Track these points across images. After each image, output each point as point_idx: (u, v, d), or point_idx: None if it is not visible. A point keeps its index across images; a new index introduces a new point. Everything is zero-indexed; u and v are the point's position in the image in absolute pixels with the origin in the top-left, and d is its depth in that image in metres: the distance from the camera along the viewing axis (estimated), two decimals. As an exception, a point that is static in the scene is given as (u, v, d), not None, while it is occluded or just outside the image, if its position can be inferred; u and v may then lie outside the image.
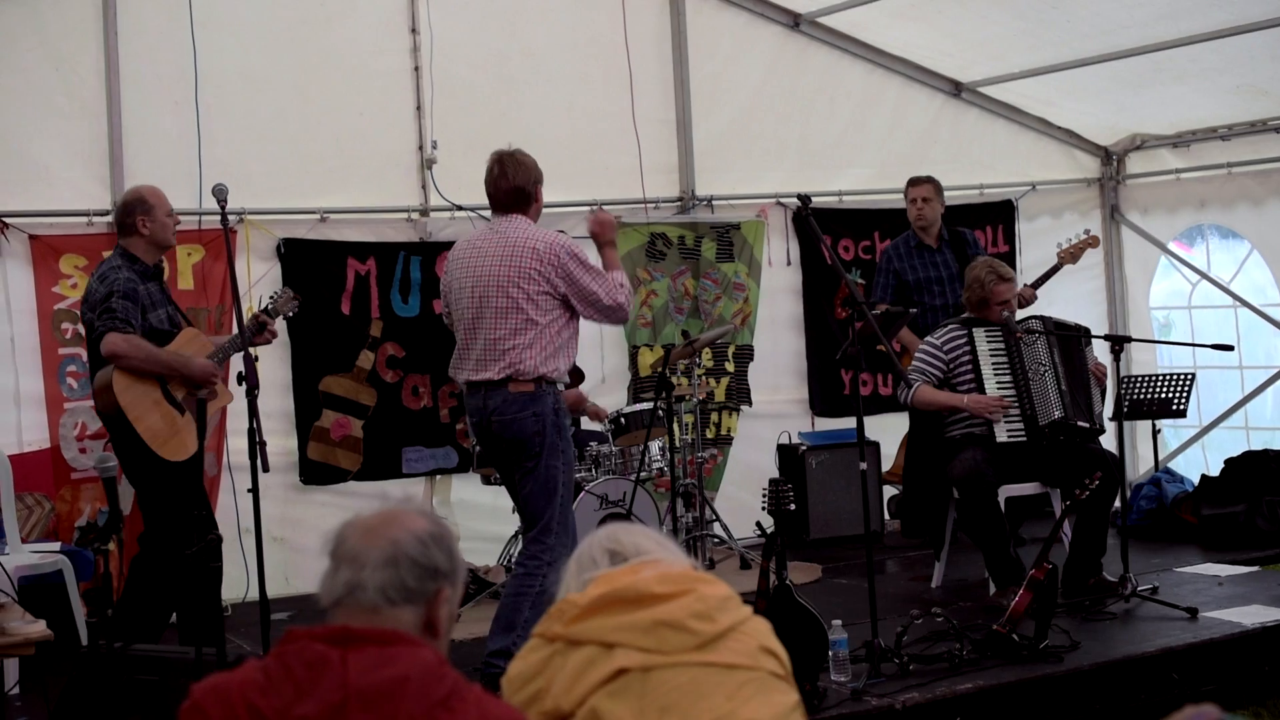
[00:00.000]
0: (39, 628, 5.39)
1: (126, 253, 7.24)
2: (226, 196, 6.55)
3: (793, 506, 6.27)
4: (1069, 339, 8.31)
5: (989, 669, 6.50)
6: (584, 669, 3.08)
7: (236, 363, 8.98)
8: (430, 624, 2.85)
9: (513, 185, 7.04)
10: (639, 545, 3.34)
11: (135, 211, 7.23)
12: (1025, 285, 9.52)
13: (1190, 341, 11.01)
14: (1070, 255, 9.73)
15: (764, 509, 6.37)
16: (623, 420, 8.97)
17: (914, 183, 9.75)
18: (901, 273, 9.59)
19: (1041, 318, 8.41)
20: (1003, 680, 6.38)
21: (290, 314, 7.86)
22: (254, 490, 6.12)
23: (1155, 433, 10.55)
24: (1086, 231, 9.83)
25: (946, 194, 10.13)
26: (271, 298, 7.79)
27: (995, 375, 8.12)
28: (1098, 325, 11.39)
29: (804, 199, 7.02)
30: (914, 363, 8.24)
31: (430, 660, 2.73)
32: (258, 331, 7.43)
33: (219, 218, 7.67)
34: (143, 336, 7.02)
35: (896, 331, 8.76)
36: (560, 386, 6.82)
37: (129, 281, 7.06)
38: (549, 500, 6.72)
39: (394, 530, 2.85)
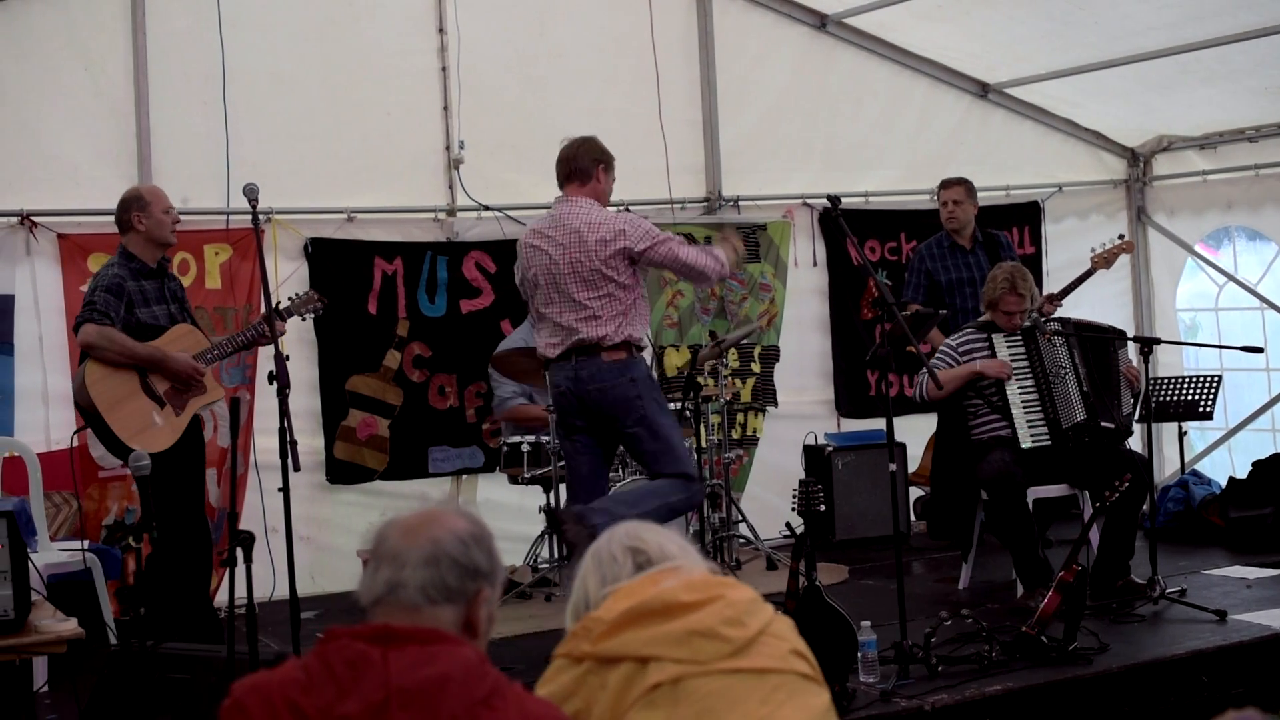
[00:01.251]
0: (70, 626, 5.40)
1: (125, 250, 7.36)
2: (258, 196, 6.54)
3: (823, 507, 6.26)
4: (1092, 340, 8.29)
5: (1018, 671, 6.47)
6: (624, 687, 3.06)
7: (267, 361, 9.06)
8: (470, 624, 2.86)
9: (573, 155, 7.49)
10: (663, 547, 3.33)
11: (131, 208, 7.34)
12: (1048, 297, 9.39)
13: (1220, 343, 10.97)
14: (1104, 260, 9.65)
15: (794, 510, 6.37)
16: (650, 421, 8.95)
17: (945, 185, 9.69)
18: (934, 273, 9.55)
19: (1064, 320, 8.39)
20: (1032, 682, 6.35)
21: (306, 316, 7.91)
22: (285, 489, 6.12)
23: (1181, 435, 10.52)
24: (1121, 237, 9.74)
25: (974, 195, 10.11)
26: (291, 298, 7.81)
27: (1016, 379, 8.10)
28: (1124, 327, 11.29)
29: (834, 200, 7.02)
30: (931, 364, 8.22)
31: (471, 659, 2.73)
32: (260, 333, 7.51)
33: (246, 217, 7.68)
34: (128, 331, 7.14)
35: (926, 333, 8.74)
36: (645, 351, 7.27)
37: (115, 277, 7.21)
38: (668, 450, 7.11)
39: (435, 530, 2.85)
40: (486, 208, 9.75)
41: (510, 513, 9.55)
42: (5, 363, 8.52)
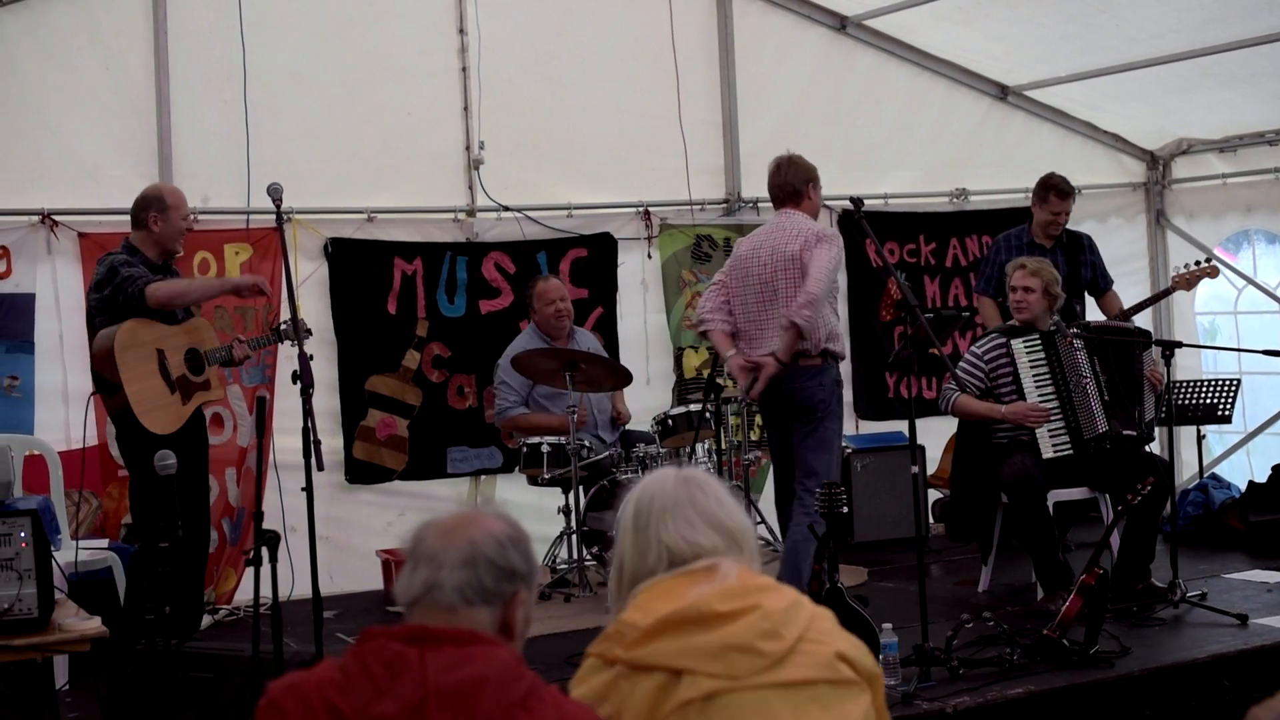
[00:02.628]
0: (94, 624, 5.39)
1: (130, 245, 7.38)
2: (281, 195, 6.53)
3: (845, 509, 6.26)
4: (1114, 344, 8.26)
5: (1039, 674, 6.46)
6: (657, 698, 3.03)
7: (286, 361, 9.07)
8: (506, 625, 2.86)
9: (785, 181, 7.66)
10: (711, 513, 3.29)
11: (150, 208, 7.33)
12: (1121, 313, 9.30)
13: (1241, 347, 10.94)
14: (1186, 281, 9.53)
15: (817, 511, 6.35)
16: (670, 422, 8.95)
17: (1063, 194, 9.37)
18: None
19: (1085, 324, 8.37)
20: (1053, 685, 6.34)
21: (293, 344, 7.81)
22: (308, 489, 6.13)
23: (1200, 438, 10.49)
24: (1208, 260, 9.63)
25: (992, 198, 10.09)
26: (286, 323, 7.73)
27: (1037, 388, 8.07)
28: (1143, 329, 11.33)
29: (856, 202, 7.03)
30: (956, 371, 8.18)
31: (508, 660, 2.73)
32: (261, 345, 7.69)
33: (266, 217, 7.70)
34: (139, 311, 7.13)
35: (949, 335, 8.72)
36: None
37: (124, 262, 7.22)
38: (822, 454, 7.54)
39: (472, 531, 2.85)
40: (506, 208, 9.76)
41: (528, 513, 9.51)
42: (26, 361, 8.54)
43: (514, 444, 9.40)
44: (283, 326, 7.60)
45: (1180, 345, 8.17)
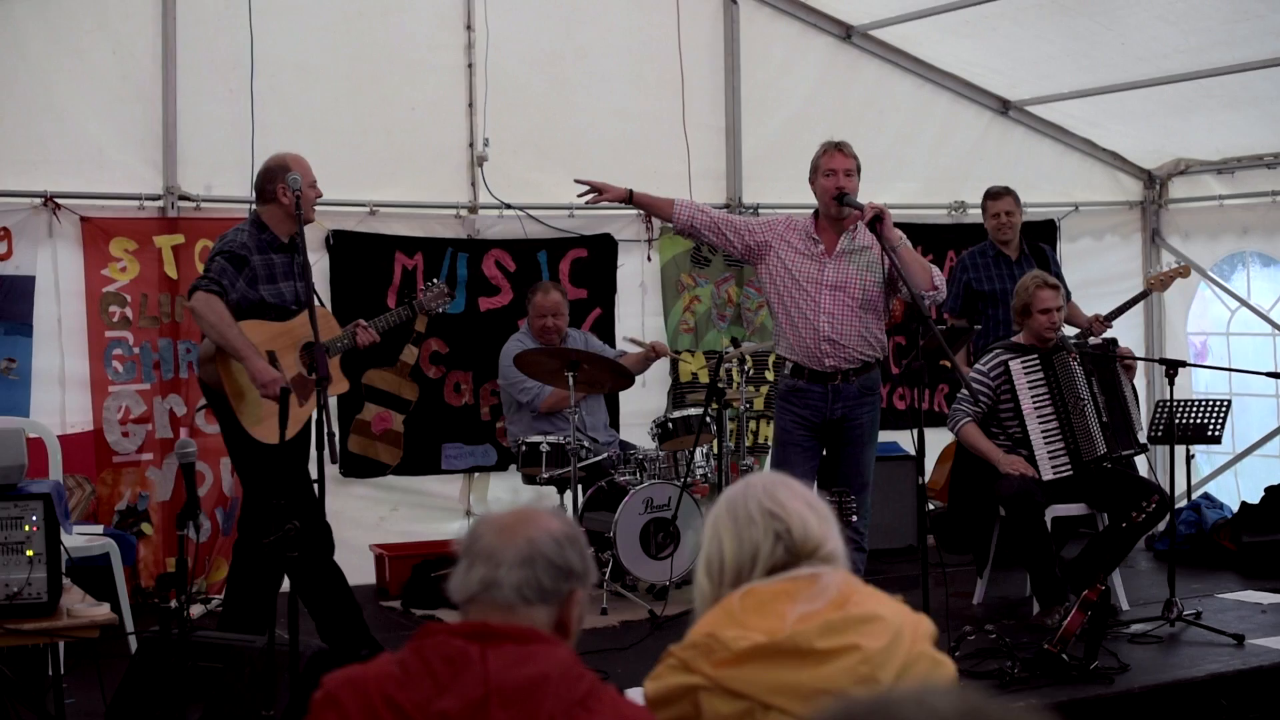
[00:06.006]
0: (103, 611, 5.36)
1: (258, 220, 6.98)
2: (300, 187, 6.47)
3: (854, 518, 6.25)
4: (1097, 361, 8.28)
5: (1040, 688, 6.50)
6: None
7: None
8: (562, 624, 2.85)
9: None
10: (804, 519, 3.16)
11: (277, 179, 6.90)
12: (1096, 318, 9.39)
13: (1244, 369, 10.96)
14: (1160, 283, 9.61)
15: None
16: (670, 425, 8.94)
17: (994, 195, 9.55)
18: (975, 283, 9.40)
19: (1078, 344, 8.38)
20: (1055, 700, 6.37)
21: (440, 310, 7.84)
22: (320, 480, 6.12)
23: (1189, 458, 10.52)
24: (1178, 262, 9.70)
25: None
26: (425, 288, 7.71)
27: (1036, 410, 8.07)
28: (1135, 348, 11.33)
29: (877, 215, 7.06)
30: (962, 392, 8.16)
31: (568, 659, 2.72)
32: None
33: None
34: (252, 310, 6.76)
35: (960, 348, 8.73)
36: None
37: (241, 246, 6.81)
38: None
39: (530, 529, 2.84)
40: (509, 206, 9.74)
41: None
42: (24, 344, 8.48)
43: (508, 442, 9.37)
44: (417, 299, 7.59)
45: (1184, 365, 8.22)
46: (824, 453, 7.65)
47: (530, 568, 2.80)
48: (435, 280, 8.08)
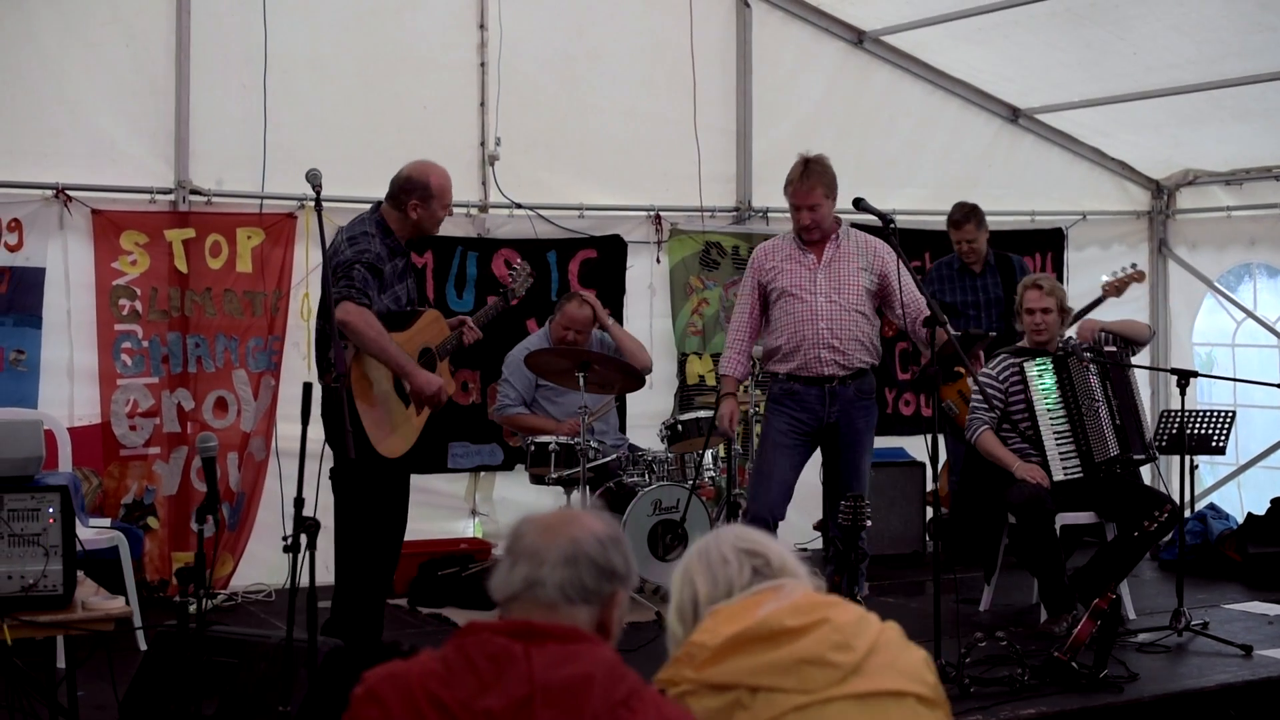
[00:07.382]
0: (118, 604, 5.34)
1: (384, 223, 6.87)
2: (320, 182, 6.43)
3: (869, 523, 6.25)
4: (1121, 370, 8.29)
5: (1049, 695, 6.49)
6: (731, 714, 3.01)
7: (297, 347, 9.05)
8: (603, 625, 2.85)
9: None
10: (781, 554, 3.25)
11: (414, 194, 6.84)
12: (1092, 320, 9.39)
13: (1256, 380, 10.97)
14: (1114, 289, 9.66)
15: (840, 523, 6.33)
16: (679, 427, 8.93)
17: (955, 224, 9.69)
18: (939, 294, 9.49)
19: (1091, 348, 8.39)
20: (1065, 707, 6.38)
21: (527, 289, 8.01)
22: (334, 477, 6.10)
23: (1192, 469, 10.51)
24: (1133, 266, 9.75)
25: (999, 219, 10.12)
26: (510, 274, 7.86)
27: (1049, 412, 8.07)
28: (1140, 357, 11.34)
29: (886, 219, 7.08)
30: (975, 397, 8.16)
31: (611, 659, 2.72)
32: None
33: (280, 202, 7.55)
34: (379, 318, 6.60)
35: (974, 353, 8.73)
36: None
37: (376, 256, 6.67)
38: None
39: (573, 529, 2.84)
40: (519, 205, 9.73)
41: (526, 512, 9.48)
42: (33, 336, 8.47)
43: (516, 442, 9.37)
44: (508, 287, 7.75)
45: (1195, 375, 8.22)
46: (821, 458, 7.79)
47: (574, 567, 2.80)
48: (519, 263, 8.28)
